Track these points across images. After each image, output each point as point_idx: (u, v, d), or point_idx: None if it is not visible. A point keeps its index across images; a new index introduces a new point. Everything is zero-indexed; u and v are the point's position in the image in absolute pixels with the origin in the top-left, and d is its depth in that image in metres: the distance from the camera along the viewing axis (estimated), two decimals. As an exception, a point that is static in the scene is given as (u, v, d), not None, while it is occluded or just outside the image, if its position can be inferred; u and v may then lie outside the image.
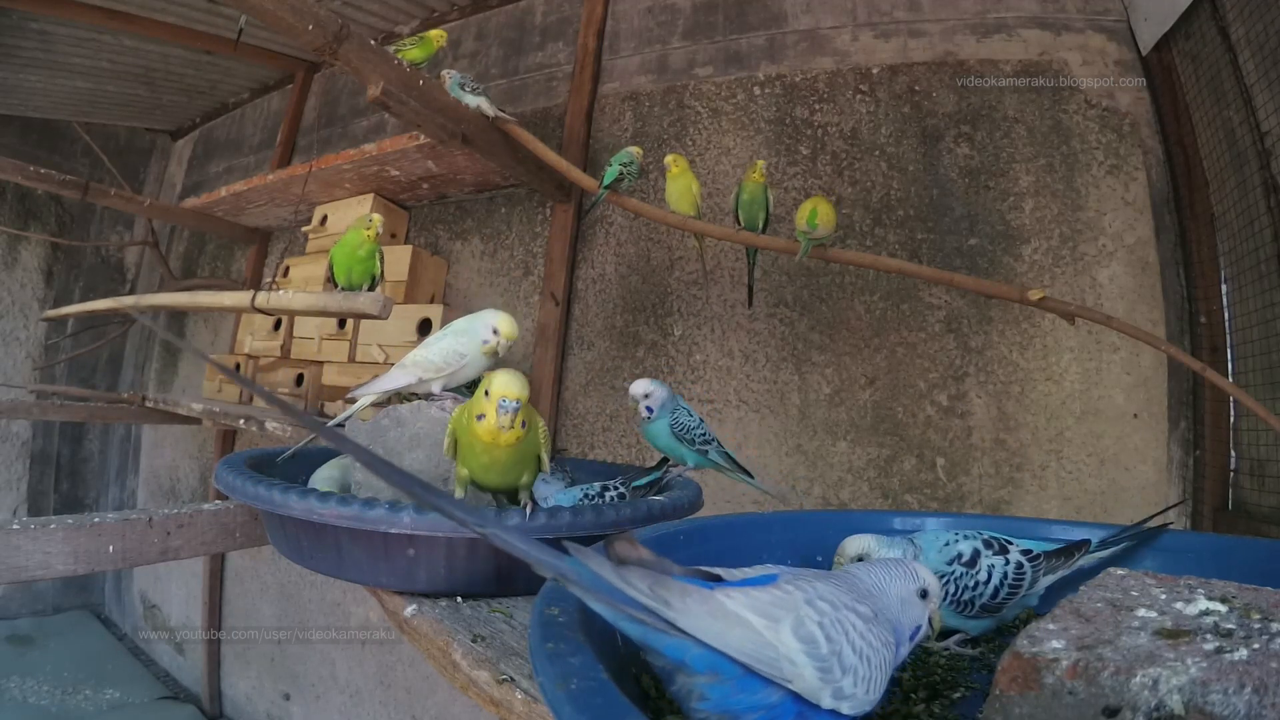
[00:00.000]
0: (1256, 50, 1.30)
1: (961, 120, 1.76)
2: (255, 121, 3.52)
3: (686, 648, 0.38)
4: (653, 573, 0.39)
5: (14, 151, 2.78)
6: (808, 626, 0.40)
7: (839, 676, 0.39)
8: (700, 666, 0.39)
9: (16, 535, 0.83)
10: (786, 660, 0.39)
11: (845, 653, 0.40)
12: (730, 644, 0.38)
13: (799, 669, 0.39)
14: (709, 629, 0.38)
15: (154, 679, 3.24)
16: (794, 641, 0.39)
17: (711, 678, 0.39)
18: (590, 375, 2.06)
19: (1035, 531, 0.70)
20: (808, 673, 0.39)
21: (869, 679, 0.40)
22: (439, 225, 2.49)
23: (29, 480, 3.79)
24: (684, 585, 0.39)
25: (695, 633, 0.38)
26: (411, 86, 1.49)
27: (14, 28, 2.70)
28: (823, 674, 0.39)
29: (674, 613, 0.38)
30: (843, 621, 0.41)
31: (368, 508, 0.63)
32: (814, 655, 0.39)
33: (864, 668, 0.40)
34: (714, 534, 0.67)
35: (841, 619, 0.41)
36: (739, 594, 0.41)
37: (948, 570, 0.62)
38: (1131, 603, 0.47)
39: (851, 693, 0.39)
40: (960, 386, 1.64)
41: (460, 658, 0.56)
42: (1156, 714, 0.36)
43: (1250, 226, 1.32)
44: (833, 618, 0.41)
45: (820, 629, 0.40)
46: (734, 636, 0.39)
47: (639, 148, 1.62)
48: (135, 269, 4.09)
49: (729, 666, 0.39)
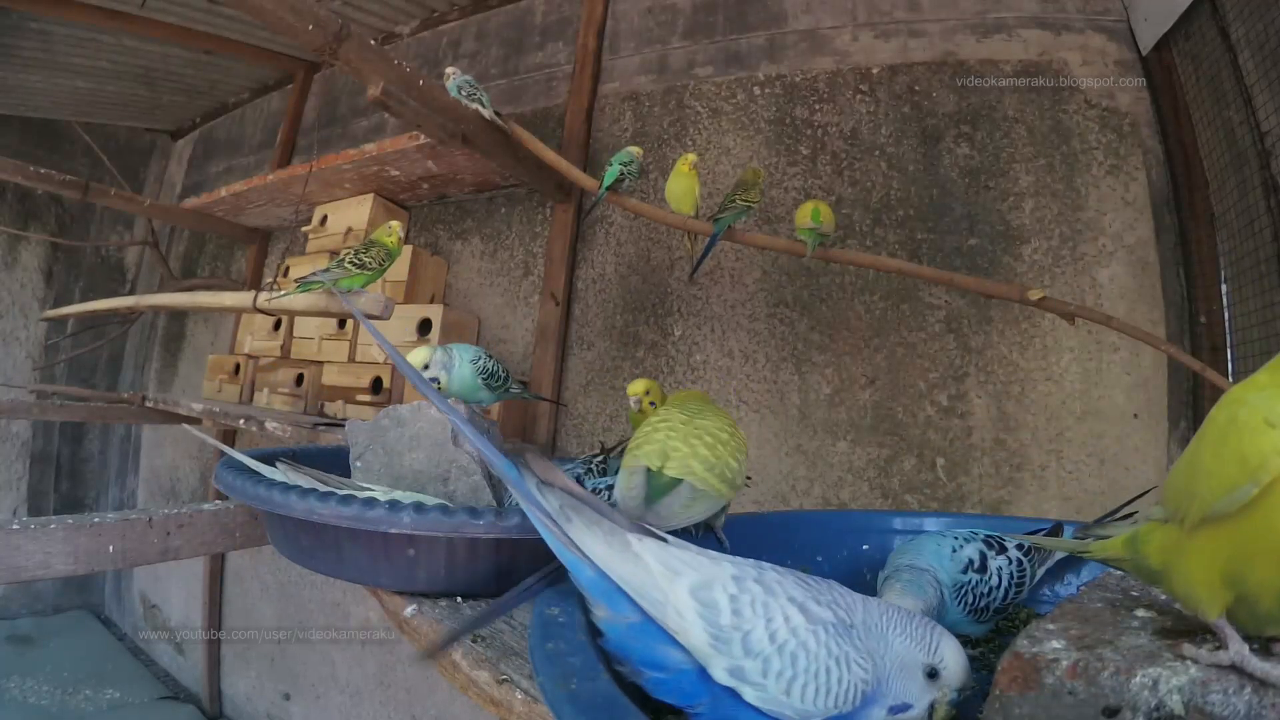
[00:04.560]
0: (1256, 50, 1.30)
1: (961, 120, 1.76)
2: (255, 121, 3.52)
3: (580, 566, 0.40)
4: (573, 498, 0.42)
5: (14, 151, 2.78)
6: (714, 593, 0.38)
7: (739, 655, 0.37)
8: (594, 591, 0.40)
9: (16, 535, 0.83)
10: (674, 610, 0.38)
11: (756, 635, 0.37)
12: (616, 571, 0.39)
13: (685, 623, 0.38)
14: (601, 555, 0.40)
15: (154, 679, 3.23)
16: (687, 598, 0.38)
17: (607, 612, 0.40)
18: (590, 375, 2.06)
19: (999, 527, 0.69)
20: (695, 630, 0.37)
21: (791, 679, 0.37)
22: (439, 225, 2.49)
23: (29, 480, 3.79)
24: (600, 519, 0.41)
25: (588, 552, 0.40)
26: (411, 86, 1.49)
27: (14, 28, 2.70)
28: (715, 641, 0.37)
29: (573, 530, 0.40)
30: (769, 607, 0.38)
31: (368, 508, 0.63)
32: (708, 620, 0.38)
33: (785, 665, 0.37)
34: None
35: (772, 606, 0.39)
36: (655, 544, 0.41)
37: (964, 580, 0.60)
38: (1131, 603, 0.47)
39: (758, 680, 0.37)
40: (960, 386, 1.64)
41: (460, 658, 0.56)
42: (1156, 714, 0.36)
43: (1250, 226, 1.32)
44: (759, 600, 0.39)
45: (730, 601, 0.38)
46: (624, 569, 0.39)
47: (639, 148, 1.62)
48: (135, 269, 4.09)
49: (622, 602, 0.39)
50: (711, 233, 1.47)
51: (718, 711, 0.38)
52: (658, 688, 0.39)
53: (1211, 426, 0.40)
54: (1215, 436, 0.39)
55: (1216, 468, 0.38)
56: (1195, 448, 0.42)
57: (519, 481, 0.43)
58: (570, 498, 0.42)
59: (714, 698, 0.38)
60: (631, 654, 0.40)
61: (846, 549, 0.72)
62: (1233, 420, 0.38)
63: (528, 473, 0.43)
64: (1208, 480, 0.38)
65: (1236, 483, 0.36)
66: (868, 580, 0.66)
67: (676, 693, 0.39)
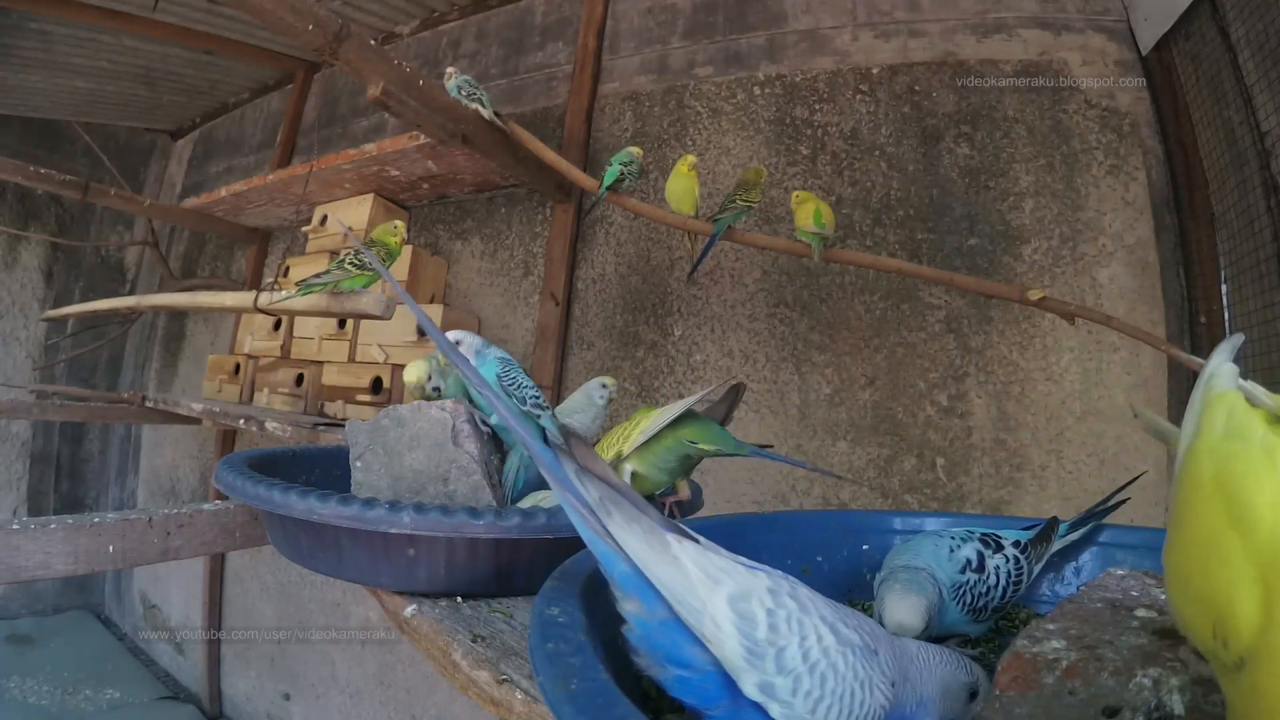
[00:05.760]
0: (1256, 50, 1.30)
1: (961, 120, 1.76)
2: (255, 121, 3.52)
3: (615, 560, 0.40)
4: (613, 490, 0.41)
5: (14, 151, 2.78)
6: (751, 605, 0.38)
7: (771, 671, 0.37)
8: (626, 586, 0.40)
9: (16, 535, 0.83)
10: (710, 619, 0.37)
11: (790, 653, 0.37)
12: (654, 573, 0.38)
13: (721, 634, 0.37)
14: (640, 552, 0.39)
15: (154, 679, 3.24)
16: (725, 608, 0.38)
17: (637, 606, 0.39)
18: (590, 375, 2.06)
19: (998, 527, 0.69)
20: (730, 643, 0.37)
21: (819, 700, 0.37)
22: (439, 225, 2.49)
23: (29, 480, 3.79)
24: (639, 515, 0.40)
25: (626, 549, 0.39)
26: (411, 86, 1.49)
27: (14, 28, 2.70)
28: (749, 655, 0.37)
29: (613, 525, 0.39)
30: (804, 625, 0.38)
31: (368, 508, 0.63)
32: (744, 633, 0.37)
33: (814, 685, 0.37)
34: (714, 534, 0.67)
35: (806, 625, 0.38)
36: (694, 548, 0.40)
37: (963, 580, 0.60)
38: (1131, 603, 0.47)
39: (787, 699, 0.37)
40: (960, 386, 1.64)
41: (460, 658, 0.56)
42: (1156, 714, 0.36)
43: (1250, 226, 1.32)
44: (795, 617, 0.38)
45: (767, 615, 0.38)
46: (663, 571, 0.38)
47: (639, 148, 1.62)
48: (135, 269, 4.09)
49: (654, 600, 0.39)
50: (711, 233, 1.47)
51: (733, 718, 0.38)
52: (678, 685, 0.39)
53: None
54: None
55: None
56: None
57: (555, 466, 0.41)
58: (610, 489, 0.41)
59: (734, 704, 0.38)
60: (658, 649, 0.39)
61: (846, 549, 0.71)
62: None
63: (566, 458, 0.41)
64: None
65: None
66: (867, 580, 0.66)
67: (698, 694, 0.39)
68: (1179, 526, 0.31)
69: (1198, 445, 0.32)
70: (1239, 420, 0.31)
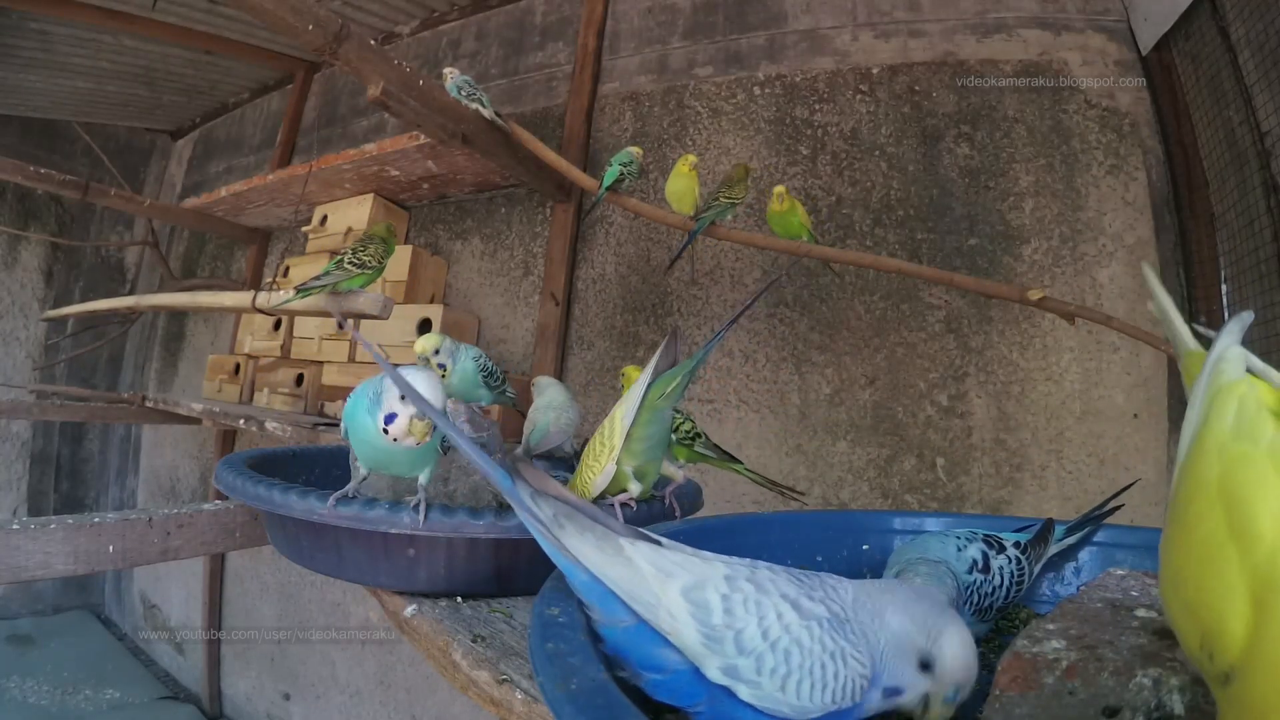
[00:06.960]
0: (1256, 50, 1.30)
1: (961, 120, 1.76)
2: (255, 121, 3.52)
3: (574, 570, 0.41)
4: (566, 505, 0.43)
5: (14, 151, 2.78)
6: (705, 593, 0.39)
7: (732, 653, 0.37)
8: (588, 595, 0.41)
9: (16, 535, 0.83)
10: (665, 611, 0.39)
11: (749, 634, 0.38)
12: (608, 575, 0.40)
13: (678, 624, 0.38)
14: (592, 558, 0.40)
15: (154, 679, 3.23)
16: (679, 599, 0.39)
17: (603, 616, 0.41)
18: (590, 375, 2.06)
19: (998, 527, 0.69)
20: (687, 631, 0.38)
21: (786, 675, 0.37)
22: (439, 225, 2.49)
23: (29, 480, 3.79)
24: (592, 524, 0.42)
25: (580, 557, 0.40)
26: (411, 86, 1.49)
27: (14, 28, 2.70)
28: (707, 640, 0.38)
29: (567, 537, 0.41)
30: (762, 605, 0.39)
31: (368, 508, 0.63)
32: (700, 619, 0.38)
33: (779, 661, 0.37)
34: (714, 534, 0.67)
35: (765, 604, 0.39)
36: (649, 547, 0.42)
37: (970, 580, 0.59)
38: (1131, 603, 0.47)
39: (752, 679, 0.37)
40: (960, 386, 1.64)
41: (460, 658, 0.56)
42: (1156, 714, 0.36)
43: (1250, 226, 1.32)
44: (751, 598, 0.39)
45: (722, 600, 0.39)
46: (616, 572, 0.40)
47: (639, 148, 1.62)
48: (135, 269, 4.09)
49: (617, 606, 0.40)
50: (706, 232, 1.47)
51: (716, 711, 0.38)
52: (657, 689, 0.40)
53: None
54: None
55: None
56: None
57: (513, 491, 0.44)
58: (564, 505, 0.43)
59: (712, 697, 0.38)
60: (629, 656, 0.40)
61: (846, 549, 0.71)
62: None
63: (521, 482, 0.44)
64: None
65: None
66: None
67: (675, 693, 0.39)
68: (1179, 524, 0.31)
69: (1205, 439, 0.31)
70: (1249, 417, 0.30)
